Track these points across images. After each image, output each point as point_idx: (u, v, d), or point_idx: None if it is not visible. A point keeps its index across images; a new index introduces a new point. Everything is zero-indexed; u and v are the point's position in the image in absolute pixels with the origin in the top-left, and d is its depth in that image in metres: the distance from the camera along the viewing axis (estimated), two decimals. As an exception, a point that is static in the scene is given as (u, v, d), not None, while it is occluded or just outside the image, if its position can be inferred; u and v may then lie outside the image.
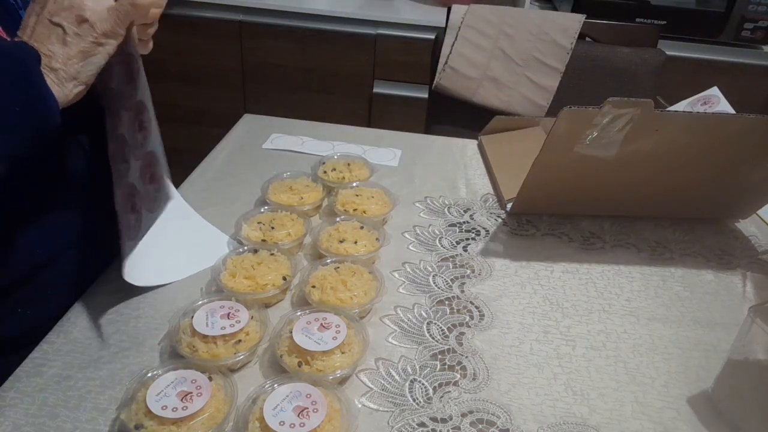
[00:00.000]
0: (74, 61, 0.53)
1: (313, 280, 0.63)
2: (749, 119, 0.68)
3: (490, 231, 0.81)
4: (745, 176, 0.78)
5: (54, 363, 0.55)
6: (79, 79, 0.53)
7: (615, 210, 0.85)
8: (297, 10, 1.79)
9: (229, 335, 0.55)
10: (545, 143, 0.70)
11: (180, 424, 0.47)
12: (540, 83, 1.32)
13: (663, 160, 0.75)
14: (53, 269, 0.62)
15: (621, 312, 0.68)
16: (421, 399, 0.54)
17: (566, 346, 0.62)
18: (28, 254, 0.60)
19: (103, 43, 0.54)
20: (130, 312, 0.61)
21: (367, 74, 1.87)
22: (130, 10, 0.54)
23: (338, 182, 0.84)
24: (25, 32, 0.53)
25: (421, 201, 0.86)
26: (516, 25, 1.31)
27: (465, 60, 1.32)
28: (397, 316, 0.64)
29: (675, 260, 0.78)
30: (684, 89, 1.05)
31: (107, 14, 0.53)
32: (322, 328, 0.56)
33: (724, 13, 1.67)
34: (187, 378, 0.50)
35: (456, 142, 1.06)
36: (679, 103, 1.00)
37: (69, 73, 0.53)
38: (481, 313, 0.66)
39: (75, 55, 0.53)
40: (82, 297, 0.64)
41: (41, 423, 0.49)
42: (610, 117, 0.67)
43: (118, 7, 0.54)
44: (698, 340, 0.64)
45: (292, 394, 0.49)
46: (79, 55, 0.53)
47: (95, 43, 0.53)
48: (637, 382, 0.58)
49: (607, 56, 1.30)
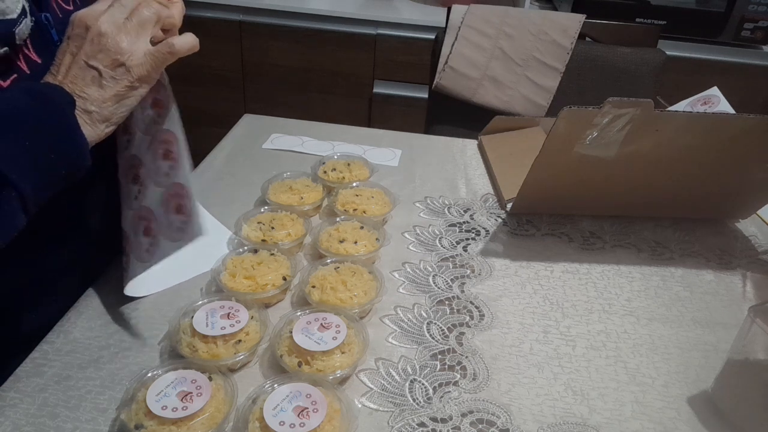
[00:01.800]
0: (108, 104, 0.53)
1: (313, 280, 0.63)
2: (749, 119, 0.68)
3: (490, 231, 0.81)
4: (745, 176, 0.78)
5: (54, 363, 0.55)
6: (111, 120, 0.54)
7: (615, 210, 0.85)
8: (297, 10, 1.79)
9: (229, 335, 0.55)
10: (545, 143, 0.70)
11: (180, 424, 0.47)
12: (540, 83, 1.32)
13: (663, 160, 0.75)
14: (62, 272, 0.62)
15: (621, 312, 0.68)
16: (421, 399, 0.54)
17: (566, 346, 0.62)
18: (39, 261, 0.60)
19: (138, 87, 0.55)
20: (130, 312, 0.62)
21: (367, 74, 1.87)
22: (168, 57, 0.55)
23: (338, 182, 0.84)
24: (59, 71, 0.53)
25: (421, 201, 0.86)
26: (516, 25, 1.31)
27: (465, 60, 1.32)
28: (397, 316, 0.64)
29: (675, 260, 0.78)
30: (684, 89, 1.05)
31: (144, 59, 0.54)
32: (322, 328, 0.56)
33: (724, 13, 1.67)
34: (187, 378, 0.50)
35: (456, 142, 1.06)
36: (679, 103, 0.99)
37: (102, 115, 0.53)
38: (481, 313, 0.66)
39: (109, 98, 0.53)
40: (82, 297, 0.64)
41: (41, 423, 0.49)
42: (610, 117, 0.67)
43: (155, 53, 0.54)
44: (698, 340, 0.64)
45: (292, 394, 0.49)
46: (113, 98, 0.54)
47: (130, 87, 0.54)
48: (637, 382, 0.58)
49: (607, 56, 1.30)
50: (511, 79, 1.33)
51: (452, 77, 1.33)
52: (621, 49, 1.30)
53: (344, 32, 1.80)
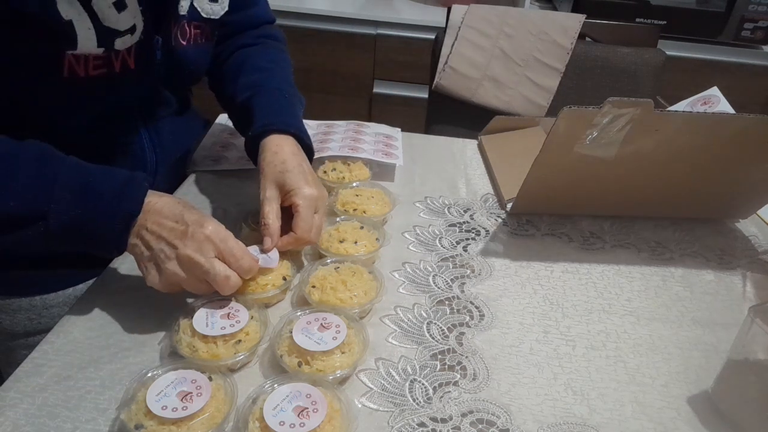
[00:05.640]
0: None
1: (313, 280, 0.63)
2: (749, 119, 0.68)
3: (490, 231, 0.81)
4: (745, 176, 0.78)
5: (54, 363, 0.55)
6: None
7: (615, 210, 0.85)
8: (297, 10, 1.79)
9: (229, 335, 0.55)
10: (545, 143, 0.70)
11: (180, 424, 0.47)
12: (540, 83, 1.32)
13: (663, 160, 0.74)
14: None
15: (621, 312, 0.68)
16: (421, 399, 0.54)
17: (566, 346, 0.62)
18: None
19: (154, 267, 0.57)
20: (130, 312, 0.61)
21: (367, 74, 1.87)
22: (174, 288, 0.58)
23: (338, 182, 0.84)
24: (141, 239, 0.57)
25: (421, 201, 0.86)
26: (516, 25, 1.31)
27: (465, 60, 1.32)
28: (397, 316, 0.64)
29: (675, 260, 0.78)
30: (684, 89, 1.05)
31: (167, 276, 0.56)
32: (322, 328, 0.56)
33: (724, 13, 1.67)
34: (187, 378, 0.50)
35: (456, 142, 1.06)
36: (679, 103, 0.99)
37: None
38: (481, 313, 0.66)
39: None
40: (82, 297, 0.64)
41: (41, 423, 0.49)
42: (610, 117, 0.67)
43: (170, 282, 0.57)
44: (698, 340, 0.64)
45: (292, 394, 0.49)
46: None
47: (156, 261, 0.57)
48: (637, 382, 0.58)
49: (607, 56, 1.30)
50: (511, 79, 1.33)
51: (452, 77, 1.33)
52: (621, 49, 1.30)
53: (344, 32, 1.80)
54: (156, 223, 0.56)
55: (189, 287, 0.57)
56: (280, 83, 0.79)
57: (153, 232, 0.55)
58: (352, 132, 0.99)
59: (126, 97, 0.69)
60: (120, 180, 0.56)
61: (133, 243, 0.56)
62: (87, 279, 0.73)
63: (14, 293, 0.73)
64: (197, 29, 0.74)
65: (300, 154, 0.69)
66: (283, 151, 0.67)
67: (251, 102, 0.75)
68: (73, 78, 0.61)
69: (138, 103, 0.73)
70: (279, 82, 0.79)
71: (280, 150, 0.67)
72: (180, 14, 0.69)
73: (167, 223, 0.56)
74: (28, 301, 0.73)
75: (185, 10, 0.70)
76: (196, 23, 0.73)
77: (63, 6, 0.56)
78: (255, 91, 0.76)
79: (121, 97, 0.69)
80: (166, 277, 0.55)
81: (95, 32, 0.59)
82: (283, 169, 0.65)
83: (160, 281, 0.56)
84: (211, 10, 0.74)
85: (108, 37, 0.60)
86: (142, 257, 0.56)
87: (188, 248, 0.55)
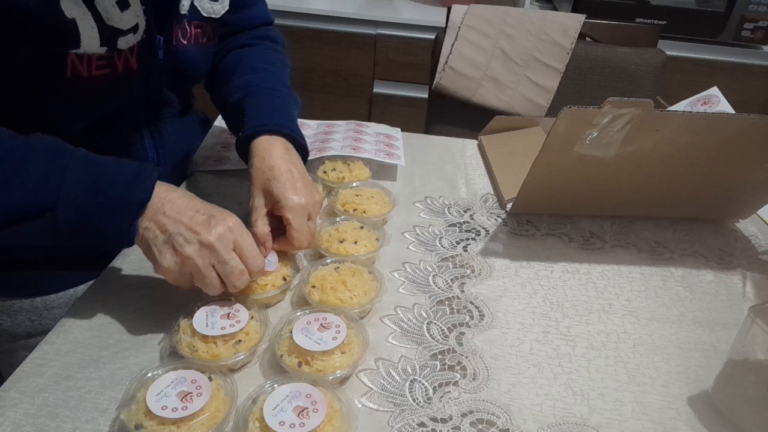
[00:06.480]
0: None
1: (313, 280, 0.63)
2: (749, 119, 0.68)
3: (490, 231, 0.81)
4: (745, 176, 0.78)
5: (54, 363, 0.55)
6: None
7: (615, 210, 0.85)
8: (297, 10, 1.79)
9: (229, 335, 0.55)
10: (545, 143, 0.70)
11: (180, 424, 0.47)
12: (540, 83, 1.32)
13: (663, 160, 0.74)
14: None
15: (621, 312, 0.68)
16: (421, 399, 0.54)
17: (566, 346, 0.62)
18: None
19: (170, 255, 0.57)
20: (130, 312, 0.62)
21: (367, 74, 1.87)
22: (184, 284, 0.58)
23: (338, 182, 0.84)
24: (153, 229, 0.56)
25: (421, 201, 0.86)
26: (516, 25, 1.31)
27: (465, 60, 1.32)
28: (397, 316, 0.64)
29: (675, 260, 0.78)
30: (684, 89, 1.05)
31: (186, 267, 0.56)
32: (322, 328, 0.56)
33: (724, 13, 1.67)
34: (187, 378, 0.50)
35: (456, 142, 1.06)
36: (679, 103, 0.99)
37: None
38: (481, 313, 0.66)
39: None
40: (82, 297, 0.64)
41: (41, 423, 0.49)
42: (610, 117, 0.67)
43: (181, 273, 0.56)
44: (698, 340, 0.64)
45: (292, 394, 0.49)
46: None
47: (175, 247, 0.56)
48: (637, 382, 0.58)
49: (607, 56, 1.30)
50: (511, 79, 1.33)
51: (452, 77, 1.33)
52: (621, 49, 1.30)
53: (344, 32, 1.80)
54: (173, 209, 0.55)
55: (197, 277, 0.56)
56: (274, 84, 0.79)
57: (170, 216, 0.55)
58: (353, 132, 0.99)
59: (128, 97, 0.69)
60: (130, 169, 0.56)
61: (145, 226, 0.55)
62: (88, 280, 0.73)
63: (15, 294, 0.73)
64: (198, 29, 0.74)
65: (290, 157, 0.68)
66: (271, 156, 0.66)
67: (243, 102, 0.74)
68: (76, 79, 0.61)
69: (140, 104, 0.73)
70: (273, 83, 0.79)
71: (267, 155, 0.66)
72: (181, 13, 0.69)
73: (186, 211, 0.56)
74: (29, 303, 0.73)
75: (186, 9, 0.70)
76: (197, 23, 0.73)
77: (67, 4, 0.56)
78: (248, 92, 0.76)
79: (124, 98, 0.69)
80: (182, 260, 0.55)
81: (98, 31, 0.59)
82: (270, 176, 0.64)
83: (174, 264, 0.55)
84: (212, 10, 0.74)
85: (111, 36, 0.61)
86: (155, 241, 0.55)
87: (212, 236, 0.55)
